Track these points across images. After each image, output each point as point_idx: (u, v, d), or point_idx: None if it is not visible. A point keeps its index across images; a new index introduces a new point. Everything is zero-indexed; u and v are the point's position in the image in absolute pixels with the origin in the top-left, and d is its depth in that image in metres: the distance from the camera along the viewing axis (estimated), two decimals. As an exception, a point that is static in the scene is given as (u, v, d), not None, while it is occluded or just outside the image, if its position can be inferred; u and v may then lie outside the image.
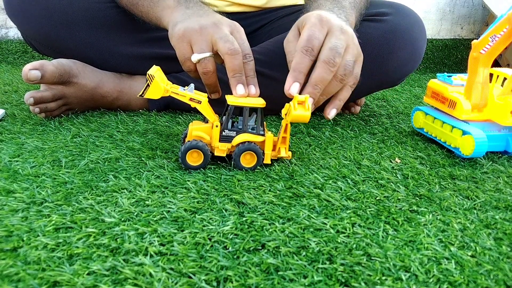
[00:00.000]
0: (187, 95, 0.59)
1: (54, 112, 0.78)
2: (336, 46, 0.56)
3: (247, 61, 0.60)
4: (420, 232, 0.46)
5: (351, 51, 0.58)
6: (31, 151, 0.63)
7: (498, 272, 0.40)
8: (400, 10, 0.81)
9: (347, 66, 0.57)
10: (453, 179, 0.60)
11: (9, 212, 0.46)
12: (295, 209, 0.49)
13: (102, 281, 0.36)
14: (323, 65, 0.56)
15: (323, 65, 0.55)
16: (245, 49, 0.60)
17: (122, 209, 0.48)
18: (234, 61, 0.58)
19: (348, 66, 0.57)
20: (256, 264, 0.39)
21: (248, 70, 0.61)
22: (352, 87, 0.61)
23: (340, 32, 0.57)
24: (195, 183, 0.54)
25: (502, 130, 0.68)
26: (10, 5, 0.81)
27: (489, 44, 0.62)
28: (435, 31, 1.72)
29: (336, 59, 0.55)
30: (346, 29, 0.58)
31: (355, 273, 0.39)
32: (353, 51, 0.58)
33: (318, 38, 0.56)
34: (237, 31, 0.62)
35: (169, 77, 0.83)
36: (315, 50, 0.56)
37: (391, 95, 1.14)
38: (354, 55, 0.59)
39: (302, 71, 0.56)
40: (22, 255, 0.39)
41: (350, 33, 0.59)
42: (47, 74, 0.73)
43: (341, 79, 0.57)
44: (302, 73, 0.56)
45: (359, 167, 0.62)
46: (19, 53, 1.43)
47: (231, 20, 0.64)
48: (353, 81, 0.60)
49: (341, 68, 0.57)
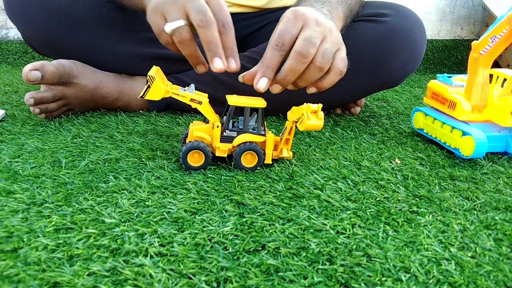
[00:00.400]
0: (187, 96, 0.59)
1: (54, 113, 0.78)
2: (310, 37, 0.55)
3: (224, 31, 0.57)
4: (420, 233, 0.46)
5: (329, 40, 0.57)
6: (31, 151, 0.63)
7: (498, 273, 0.40)
8: (400, 11, 0.81)
9: (326, 54, 0.56)
10: (453, 180, 0.60)
11: (9, 213, 0.46)
12: (295, 210, 0.49)
13: (102, 282, 0.36)
14: (295, 56, 0.55)
15: (295, 55, 0.55)
16: (222, 18, 0.57)
17: (122, 209, 0.48)
18: (207, 32, 0.56)
19: (327, 53, 0.57)
20: (256, 265, 0.39)
21: (226, 41, 0.57)
22: (341, 73, 0.59)
23: (315, 24, 0.56)
24: (195, 184, 0.54)
25: (502, 131, 0.69)
26: (10, 5, 0.81)
27: (489, 45, 0.62)
28: (435, 32, 1.72)
29: (310, 49, 0.55)
30: (322, 21, 0.57)
31: (355, 274, 0.39)
32: (332, 40, 0.57)
33: (290, 32, 0.56)
34: None
35: (169, 78, 0.84)
36: (286, 45, 0.55)
37: (391, 96, 1.14)
38: (334, 43, 0.58)
39: (270, 66, 0.55)
40: (22, 256, 0.39)
41: (328, 24, 0.58)
42: (47, 75, 0.73)
43: (319, 67, 0.57)
44: (270, 68, 0.56)
45: (359, 168, 0.62)
46: (19, 53, 1.43)
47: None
48: (341, 65, 0.59)
49: (318, 55, 0.56)
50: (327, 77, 0.59)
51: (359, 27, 0.78)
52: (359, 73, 0.80)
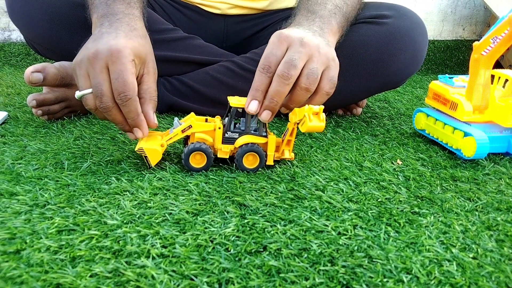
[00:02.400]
0: (178, 132, 0.59)
1: (57, 115, 0.79)
2: (291, 59, 0.56)
3: (122, 104, 0.56)
4: (421, 234, 0.46)
5: (316, 60, 0.57)
6: (34, 153, 0.63)
7: (500, 274, 0.40)
8: (401, 12, 0.81)
9: (311, 74, 0.57)
10: (454, 181, 0.60)
11: (12, 214, 0.46)
12: (296, 211, 0.49)
13: (104, 283, 0.36)
14: (277, 79, 0.56)
15: (277, 78, 0.56)
16: (117, 88, 0.55)
17: (124, 211, 0.48)
18: (109, 118, 0.57)
19: (312, 75, 0.57)
20: (258, 266, 0.39)
21: (127, 113, 0.57)
22: (328, 93, 0.59)
23: (299, 45, 0.57)
24: (197, 185, 0.55)
25: (503, 131, 0.68)
26: (12, 8, 0.81)
27: (490, 46, 0.62)
28: (437, 32, 1.72)
29: (291, 71, 0.55)
30: (308, 41, 0.57)
31: (357, 275, 0.39)
32: (319, 59, 0.58)
33: (275, 55, 0.57)
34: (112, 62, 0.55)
35: (172, 79, 0.84)
36: (272, 67, 0.56)
37: (393, 97, 1.14)
38: (321, 62, 0.58)
39: (259, 89, 0.57)
40: (25, 257, 0.39)
41: (315, 43, 0.58)
42: (49, 77, 0.74)
43: (305, 88, 0.57)
44: (259, 91, 0.57)
45: (360, 169, 0.62)
46: (21, 55, 1.43)
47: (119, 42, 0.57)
48: (327, 86, 0.59)
49: (302, 77, 0.57)
50: (314, 98, 0.59)
51: (360, 29, 0.78)
52: (361, 75, 0.80)
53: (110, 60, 0.55)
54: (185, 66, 0.84)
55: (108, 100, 0.56)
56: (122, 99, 0.55)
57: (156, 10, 0.91)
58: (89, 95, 0.57)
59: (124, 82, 0.55)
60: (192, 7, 0.93)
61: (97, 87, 0.55)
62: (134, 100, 0.56)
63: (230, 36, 0.95)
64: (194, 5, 0.93)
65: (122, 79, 0.55)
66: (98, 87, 0.55)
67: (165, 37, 0.83)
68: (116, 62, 0.55)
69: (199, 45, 0.86)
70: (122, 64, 0.55)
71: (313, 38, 0.59)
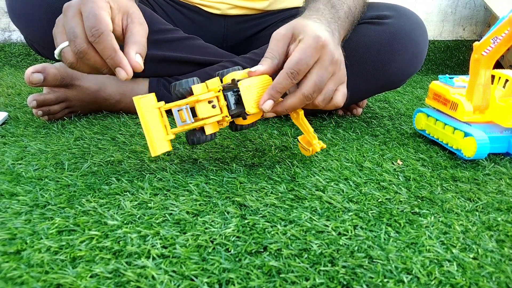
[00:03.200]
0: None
1: (57, 115, 0.79)
2: (320, 81, 0.55)
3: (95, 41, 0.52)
4: (422, 234, 0.46)
5: (334, 79, 0.57)
6: (34, 154, 0.63)
7: (500, 274, 0.40)
8: (402, 13, 0.81)
9: (327, 96, 0.57)
10: (455, 181, 0.60)
11: (13, 215, 0.47)
12: (297, 212, 0.49)
13: (104, 283, 0.36)
14: (300, 96, 0.55)
15: (301, 96, 0.55)
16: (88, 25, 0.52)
17: (124, 211, 0.48)
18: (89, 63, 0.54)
19: (328, 95, 0.57)
20: (258, 266, 0.39)
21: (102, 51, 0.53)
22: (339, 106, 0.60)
23: (329, 62, 0.56)
24: (197, 186, 0.55)
25: (504, 131, 0.68)
26: (12, 8, 0.81)
27: (490, 46, 0.62)
28: (437, 33, 1.72)
29: (315, 94, 0.56)
30: (337, 59, 0.57)
31: (357, 276, 0.39)
32: (337, 78, 0.58)
33: (307, 63, 0.55)
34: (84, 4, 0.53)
35: (172, 80, 0.84)
36: (300, 75, 0.55)
37: (393, 97, 1.14)
38: (337, 82, 0.58)
39: (279, 91, 0.56)
40: (26, 257, 0.39)
41: (339, 60, 0.58)
42: (49, 77, 0.74)
43: (316, 105, 0.58)
44: (279, 93, 0.56)
45: (361, 169, 0.62)
46: (22, 56, 1.43)
47: None
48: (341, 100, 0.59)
49: (320, 97, 0.57)
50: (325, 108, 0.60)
51: (360, 29, 0.78)
52: (361, 75, 0.80)
53: (82, 3, 0.53)
54: (185, 67, 0.85)
55: (82, 41, 0.52)
56: (94, 34, 0.52)
57: (156, 10, 0.91)
58: (67, 48, 0.54)
59: (94, 17, 0.52)
60: (192, 7, 0.93)
61: (70, 32, 0.53)
62: (106, 35, 0.52)
63: (230, 36, 0.95)
64: (194, 5, 0.93)
65: (92, 14, 0.52)
66: (71, 31, 0.53)
67: (165, 37, 0.83)
68: (88, 3, 0.53)
69: (199, 46, 0.86)
70: (93, 2, 0.53)
71: (338, 53, 0.58)
